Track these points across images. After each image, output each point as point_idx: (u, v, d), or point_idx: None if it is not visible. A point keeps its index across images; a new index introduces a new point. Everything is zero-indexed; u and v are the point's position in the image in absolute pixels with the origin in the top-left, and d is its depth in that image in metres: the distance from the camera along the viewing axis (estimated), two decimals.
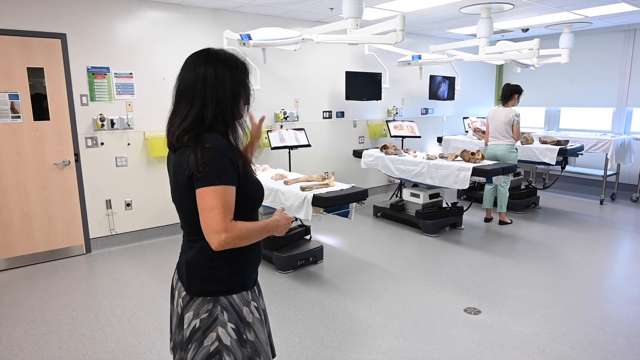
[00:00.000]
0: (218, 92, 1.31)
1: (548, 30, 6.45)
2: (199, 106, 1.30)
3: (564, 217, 5.54)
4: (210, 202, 1.23)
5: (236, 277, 1.38)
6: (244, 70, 1.38)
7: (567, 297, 3.32)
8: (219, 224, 1.23)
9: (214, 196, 1.24)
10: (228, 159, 1.27)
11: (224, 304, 1.34)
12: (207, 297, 1.34)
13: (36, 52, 3.87)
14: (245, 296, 1.39)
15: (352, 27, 3.70)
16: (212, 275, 1.35)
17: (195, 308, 1.34)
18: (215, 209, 1.23)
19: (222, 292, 1.35)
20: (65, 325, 2.96)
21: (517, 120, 4.98)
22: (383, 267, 3.94)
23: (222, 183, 1.25)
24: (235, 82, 1.34)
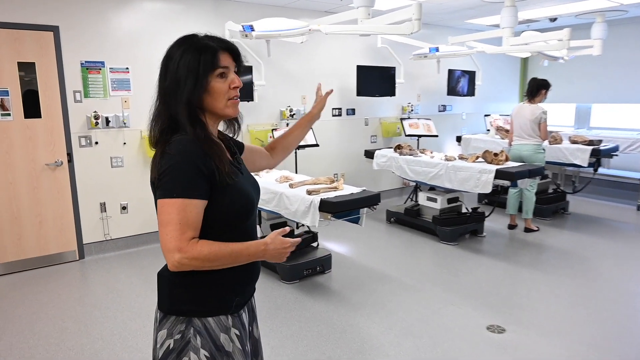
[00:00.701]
0: (166, 81, 1.23)
1: (579, 19, 6.27)
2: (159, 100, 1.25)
3: (596, 224, 5.36)
4: (166, 217, 1.14)
5: (211, 298, 1.26)
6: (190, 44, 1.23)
7: (603, 314, 3.17)
8: (172, 242, 1.13)
9: (170, 210, 1.14)
10: (194, 167, 1.16)
11: (198, 327, 1.23)
12: (180, 317, 1.24)
13: (27, 46, 3.85)
14: (224, 321, 1.27)
15: (363, 16, 3.60)
16: (182, 293, 1.25)
17: (169, 327, 1.25)
18: (170, 224, 1.13)
19: (194, 312, 1.24)
20: (53, 338, 2.91)
21: (544, 117, 4.83)
22: (397, 278, 3.83)
23: (182, 196, 1.14)
24: (178, 63, 1.21)
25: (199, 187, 1.17)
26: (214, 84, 1.24)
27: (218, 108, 1.27)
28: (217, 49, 1.24)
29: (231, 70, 1.27)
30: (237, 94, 1.28)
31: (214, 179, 1.20)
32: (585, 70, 7.18)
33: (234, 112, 1.30)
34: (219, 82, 1.24)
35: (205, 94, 1.24)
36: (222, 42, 1.27)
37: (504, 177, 4.20)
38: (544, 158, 4.98)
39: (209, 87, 1.23)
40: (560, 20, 6.42)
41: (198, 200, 1.17)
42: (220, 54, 1.24)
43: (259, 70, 5.05)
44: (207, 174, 1.18)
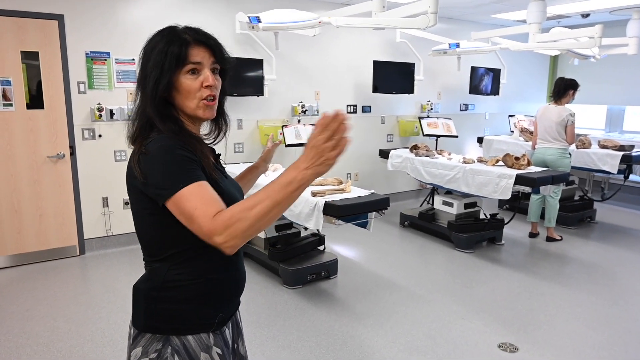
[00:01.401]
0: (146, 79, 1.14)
1: (613, 16, 5.97)
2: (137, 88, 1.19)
3: (625, 235, 5.09)
4: (185, 212, 1.02)
5: (191, 315, 1.18)
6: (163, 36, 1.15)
7: (628, 336, 2.97)
8: (203, 229, 0.99)
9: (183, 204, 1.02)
10: (181, 156, 1.08)
11: (176, 345, 1.15)
12: (157, 335, 1.16)
13: (31, 34, 3.82)
14: (205, 340, 1.18)
15: (377, 9, 3.46)
16: (160, 309, 1.17)
17: (145, 344, 1.16)
18: (192, 215, 1.01)
19: (172, 330, 1.16)
20: (43, 337, 2.87)
21: (571, 120, 4.59)
22: (406, 287, 3.68)
23: (187, 182, 1.04)
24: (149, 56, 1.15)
25: (196, 171, 1.08)
26: (183, 80, 1.14)
27: (188, 108, 1.16)
28: (189, 42, 1.14)
29: (205, 67, 1.15)
30: (210, 94, 1.16)
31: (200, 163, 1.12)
32: (619, 70, 6.85)
33: (204, 114, 1.18)
34: (189, 79, 1.14)
35: (174, 91, 1.15)
36: (199, 35, 1.16)
37: (525, 183, 4.00)
38: (570, 163, 4.74)
39: (177, 84, 1.14)
40: (593, 16, 6.13)
41: (203, 181, 1.07)
42: (192, 48, 1.14)
43: (270, 64, 4.95)
44: (197, 162, 1.11)
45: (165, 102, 1.16)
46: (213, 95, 1.17)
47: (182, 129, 1.17)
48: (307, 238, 4.05)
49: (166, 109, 1.16)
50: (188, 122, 1.21)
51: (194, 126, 1.23)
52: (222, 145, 3.12)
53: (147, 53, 1.16)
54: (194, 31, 1.17)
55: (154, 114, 1.13)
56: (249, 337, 2.89)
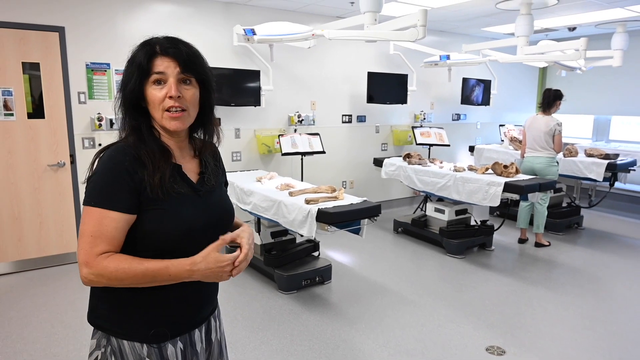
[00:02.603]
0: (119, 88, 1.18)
1: (598, 29, 6.05)
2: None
3: (611, 240, 5.12)
4: (82, 227, 1.08)
5: (123, 320, 1.16)
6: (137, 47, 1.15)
7: (612, 340, 2.98)
8: (82, 254, 1.06)
9: (86, 220, 1.08)
10: (118, 177, 1.08)
11: (114, 346, 1.15)
12: (102, 332, 1.17)
13: (32, 46, 3.85)
14: (139, 349, 1.15)
15: (369, 22, 3.50)
16: (101, 308, 1.18)
17: (98, 338, 1.18)
18: (83, 236, 1.07)
19: (109, 331, 1.16)
20: (40, 343, 2.86)
21: (559, 130, 4.64)
22: (398, 292, 3.69)
23: (100, 205, 1.07)
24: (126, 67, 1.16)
25: (121, 199, 1.08)
26: (149, 91, 1.13)
27: (157, 118, 1.16)
28: (155, 53, 1.12)
29: (170, 77, 1.12)
30: (175, 105, 1.12)
31: (145, 191, 1.09)
32: (605, 81, 6.93)
33: (170, 125, 1.14)
34: (155, 89, 1.13)
35: (145, 102, 1.15)
36: (167, 45, 1.13)
37: (513, 191, 4.04)
38: (557, 171, 4.79)
39: (145, 95, 1.14)
40: (580, 30, 6.21)
41: (117, 213, 1.07)
42: (157, 59, 1.12)
43: (267, 75, 4.99)
44: (134, 187, 1.09)
45: (142, 112, 1.16)
46: (177, 107, 1.12)
47: (146, 141, 1.14)
48: (302, 244, 4.06)
49: (136, 118, 1.16)
50: (164, 133, 1.19)
51: (172, 139, 1.20)
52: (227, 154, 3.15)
53: (126, 63, 1.17)
54: (164, 41, 1.14)
55: (121, 122, 1.17)
56: (243, 342, 2.89)
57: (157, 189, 1.10)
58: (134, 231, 1.11)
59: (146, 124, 1.17)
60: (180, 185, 1.17)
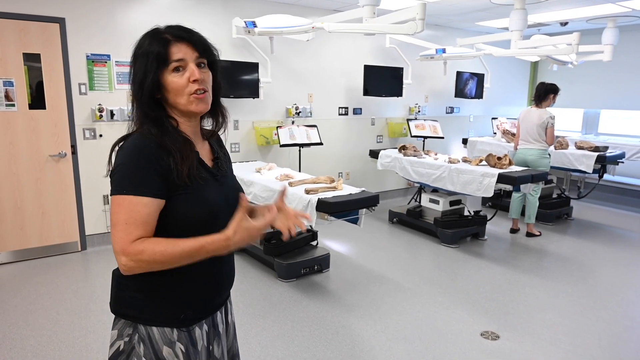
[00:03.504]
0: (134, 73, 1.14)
1: (590, 24, 6.09)
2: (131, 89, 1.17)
3: (599, 230, 5.21)
4: (115, 216, 1.06)
5: (156, 307, 1.16)
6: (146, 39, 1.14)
7: (600, 324, 3.06)
8: (118, 243, 1.04)
9: (117, 209, 1.06)
10: (146, 163, 1.07)
11: (142, 334, 1.15)
12: (129, 321, 1.17)
13: (33, 37, 3.81)
14: (169, 334, 1.16)
15: (368, 15, 3.50)
16: (125, 297, 1.18)
17: (120, 328, 1.18)
18: (117, 225, 1.05)
19: (138, 319, 1.16)
20: (46, 329, 2.88)
21: (551, 122, 4.69)
22: (394, 280, 3.74)
23: (131, 192, 1.05)
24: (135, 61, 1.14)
25: (150, 184, 1.07)
26: (170, 79, 1.13)
27: (180, 105, 1.15)
28: (169, 41, 1.12)
29: (190, 62, 1.13)
30: (199, 87, 1.13)
31: (171, 177, 1.10)
32: (595, 75, 6.99)
33: (197, 108, 1.15)
34: (175, 76, 1.12)
35: (165, 91, 1.14)
36: (180, 32, 1.14)
37: (506, 182, 4.09)
38: (549, 163, 4.84)
39: (166, 84, 1.13)
40: (572, 24, 6.25)
41: (148, 199, 1.07)
42: (172, 46, 1.12)
43: (266, 67, 4.98)
44: (161, 172, 1.09)
45: (157, 103, 1.15)
46: (202, 89, 1.14)
47: (168, 131, 1.14)
48: (301, 234, 4.09)
49: (154, 110, 1.14)
50: (183, 119, 1.19)
51: (190, 123, 1.20)
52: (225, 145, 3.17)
53: (134, 56, 1.15)
54: (175, 29, 1.15)
55: (141, 115, 1.14)
56: (245, 328, 2.93)
57: (185, 177, 1.11)
58: (164, 216, 1.11)
59: (165, 115, 1.17)
60: (201, 171, 1.18)
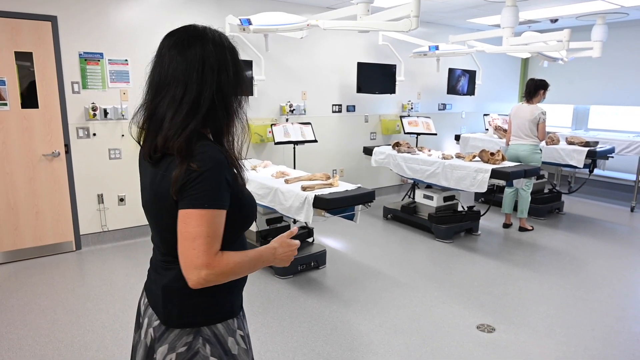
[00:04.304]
0: (220, 75, 1.08)
1: (579, 21, 6.17)
2: (195, 94, 1.06)
3: (590, 224, 5.29)
4: (194, 230, 1.02)
5: (222, 305, 1.20)
6: (232, 55, 1.16)
7: (593, 316, 3.12)
8: (201, 257, 1.01)
9: (199, 222, 1.02)
10: (222, 177, 1.06)
11: (207, 335, 1.16)
12: (187, 329, 1.15)
13: (25, 35, 3.77)
14: (231, 325, 1.21)
15: (362, 12, 3.52)
16: (195, 304, 1.16)
17: (172, 341, 1.15)
18: (199, 238, 1.01)
19: (205, 322, 1.17)
20: (44, 329, 2.86)
21: (543, 118, 4.75)
22: (390, 275, 3.77)
23: (212, 207, 1.04)
24: (236, 65, 1.13)
25: (225, 197, 1.08)
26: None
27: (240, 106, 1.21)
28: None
29: None
30: None
31: (235, 186, 1.12)
32: (585, 72, 7.08)
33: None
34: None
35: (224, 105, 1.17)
36: None
37: (500, 177, 4.13)
38: (541, 158, 4.91)
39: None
40: (561, 21, 6.32)
41: (223, 211, 1.07)
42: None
43: (259, 65, 4.97)
44: (230, 183, 1.10)
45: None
46: None
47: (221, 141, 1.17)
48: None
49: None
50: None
51: None
52: None
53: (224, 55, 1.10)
54: None
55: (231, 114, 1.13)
56: None
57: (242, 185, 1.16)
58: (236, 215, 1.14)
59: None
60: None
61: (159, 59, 1.12)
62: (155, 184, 1.11)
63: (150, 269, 1.27)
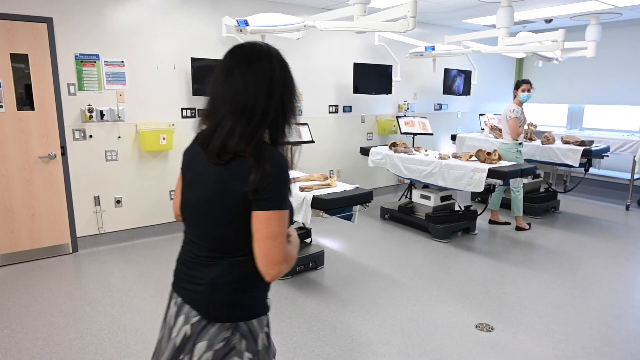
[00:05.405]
0: (284, 88, 1.19)
1: (573, 21, 6.19)
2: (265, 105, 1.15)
3: (586, 223, 5.31)
4: (275, 229, 1.12)
5: (259, 301, 1.27)
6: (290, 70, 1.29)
7: (590, 313, 3.13)
8: (282, 254, 1.14)
9: (279, 222, 1.13)
10: (289, 178, 1.18)
11: (244, 330, 1.21)
12: (226, 324, 1.20)
13: (20, 37, 3.75)
14: (262, 321, 1.27)
15: (359, 13, 3.51)
16: (239, 299, 1.21)
17: (210, 337, 1.19)
18: (279, 237, 1.13)
19: (244, 317, 1.22)
20: (41, 332, 2.84)
21: (510, 115, 4.82)
22: (388, 275, 3.77)
23: (286, 207, 1.16)
24: (292, 79, 1.23)
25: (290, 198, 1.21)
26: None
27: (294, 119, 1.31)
28: None
29: None
30: None
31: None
32: (579, 71, 7.12)
33: None
34: None
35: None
36: None
37: (496, 176, 4.14)
38: (517, 158, 4.85)
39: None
40: (556, 21, 6.34)
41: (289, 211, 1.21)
42: None
43: None
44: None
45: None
46: None
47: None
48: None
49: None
50: None
51: None
52: None
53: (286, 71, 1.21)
54: None
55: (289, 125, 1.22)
56: None
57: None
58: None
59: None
60: None
61: (228, 71, 1.18)
62: (222, 182, 1.16)
63: (181, 267, 1.29)
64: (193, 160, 1.26)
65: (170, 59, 4.47)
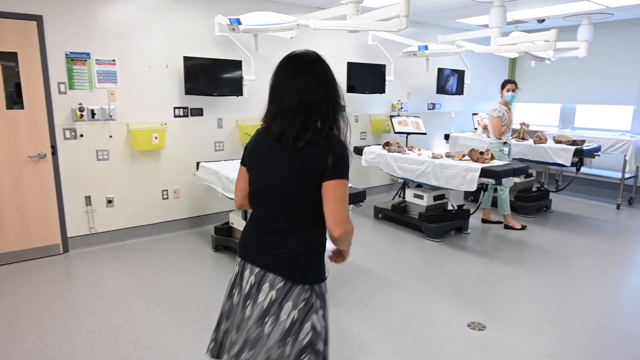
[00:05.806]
0: (335, 88, 1.48)
1: (565, 21, 6.23)
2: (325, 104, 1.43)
3: (577, 222, 5.35)
4: (343, 195, 1.41)
5: (324, 267, 1.54)
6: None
7: (581, 312, 3.15)
8: (346, 214, 1.40)
9: (345, 189, 1.42)
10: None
11: (318, 291, 1.49)
12: (305, 286, 1.46)
13: (9, 35, 3.70)
14: (326, 284, 1.56)
15: (352, 12, 3.51)
16: (317, 265, 1.51)
17: (295, 298, 1.44)
18: (345, 201, 1.41)
19: (318, 280, 1.50)
20: (30, 334, 2.81)
21: (492, 114, 4.89)
22: (381, 275, 3.77)
23: (348, 178, 1.44)
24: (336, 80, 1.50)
25: None
26: None
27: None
28: None
29: None
30: None
31: None
32: (571, 71, 7.17)
33: None
34: None
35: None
36: None
37: (489, 176, 4.16)
38: (500, 157, 4.84)
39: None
40: (548, 21, 6.38)
41: None
42: None
43: (249, 65, 4.94)
44: None
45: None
46: None
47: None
48: None
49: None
50: None
51: None
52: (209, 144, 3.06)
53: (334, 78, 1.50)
54: None
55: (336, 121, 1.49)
56: None
57: None
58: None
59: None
60: None
61: (293, 76, 1.46)
62: (297, 165, 1.43)
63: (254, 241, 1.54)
64: (265, 153, 1.50)
65: (163, 57, 4.44)
